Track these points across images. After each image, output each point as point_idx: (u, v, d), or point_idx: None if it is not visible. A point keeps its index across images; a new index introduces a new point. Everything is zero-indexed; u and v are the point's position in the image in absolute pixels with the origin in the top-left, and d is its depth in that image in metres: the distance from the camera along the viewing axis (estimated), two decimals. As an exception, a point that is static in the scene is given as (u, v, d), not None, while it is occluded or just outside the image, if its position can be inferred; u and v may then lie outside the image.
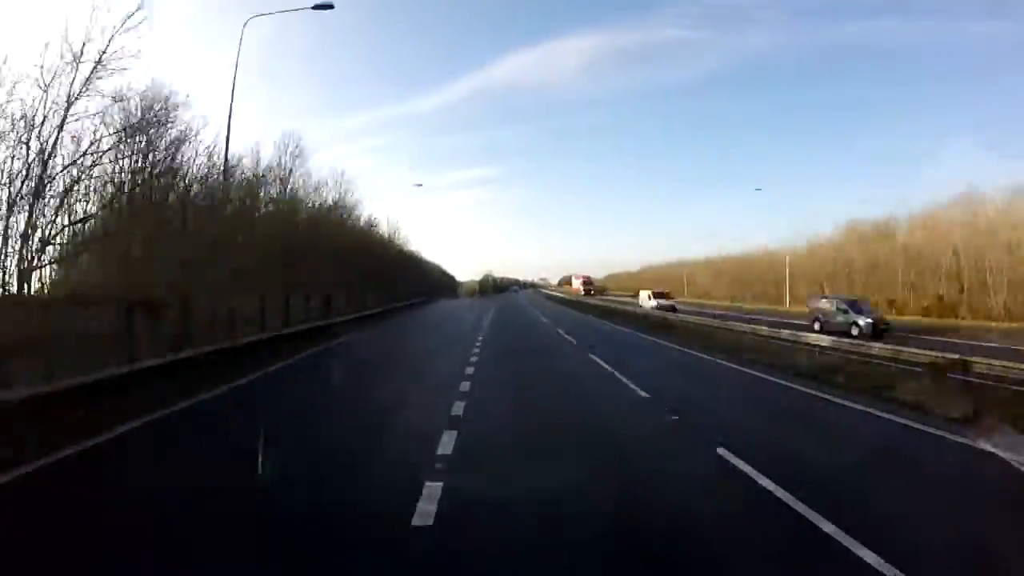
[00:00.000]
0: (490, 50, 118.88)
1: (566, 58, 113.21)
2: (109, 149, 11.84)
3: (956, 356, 10.97)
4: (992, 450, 6.11)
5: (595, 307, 41.46)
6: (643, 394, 9.24)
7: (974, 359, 10.72)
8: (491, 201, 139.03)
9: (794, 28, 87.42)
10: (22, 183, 10.29)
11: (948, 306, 33.14)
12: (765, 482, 4.92)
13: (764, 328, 19.30)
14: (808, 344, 15.52)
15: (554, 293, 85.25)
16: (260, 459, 5.01)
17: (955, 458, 6.21)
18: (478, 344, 17.07)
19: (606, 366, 12.46)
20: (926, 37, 78.39)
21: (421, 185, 56.01)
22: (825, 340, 15.77)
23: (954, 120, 77.34)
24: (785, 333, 17.65)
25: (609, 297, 61.03)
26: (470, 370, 11.72)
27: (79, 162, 11.17)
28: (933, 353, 11.84)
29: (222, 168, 16.08)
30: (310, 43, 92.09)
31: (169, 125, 13.82)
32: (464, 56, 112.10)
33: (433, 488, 4.57)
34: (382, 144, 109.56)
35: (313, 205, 25.90)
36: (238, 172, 18.33)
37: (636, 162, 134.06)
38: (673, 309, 32.77)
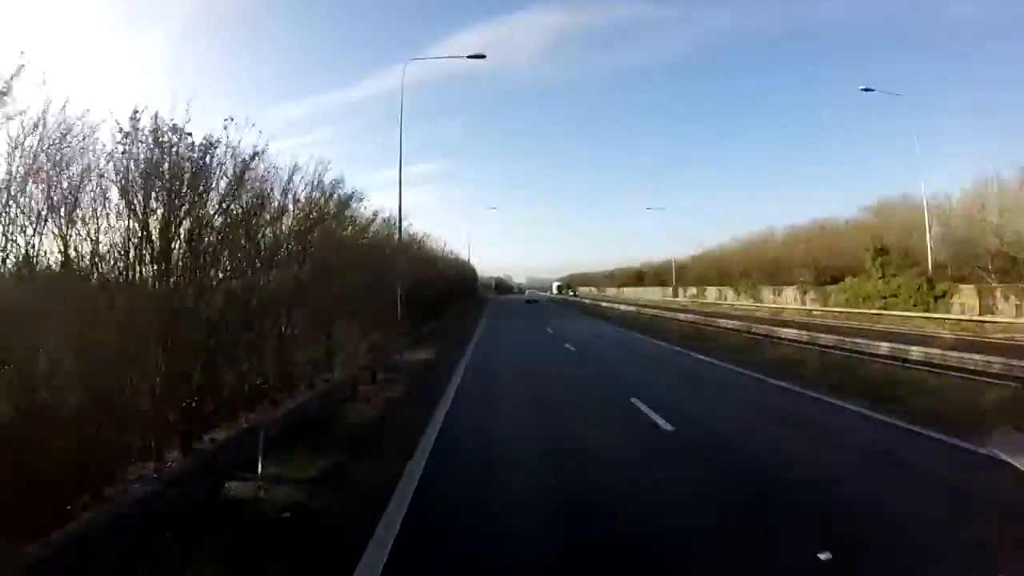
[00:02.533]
0: (436, 29, 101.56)
1: (523, 39, 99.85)
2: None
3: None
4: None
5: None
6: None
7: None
8: (441, 199, 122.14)
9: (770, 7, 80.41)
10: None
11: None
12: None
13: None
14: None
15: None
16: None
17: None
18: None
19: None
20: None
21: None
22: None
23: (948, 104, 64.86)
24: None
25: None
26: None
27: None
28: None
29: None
30: (233, 28, 77.70)
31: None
32: (406, 36, 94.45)
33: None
34: (318, 139, 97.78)
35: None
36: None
37: (602, 152, 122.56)
38: None
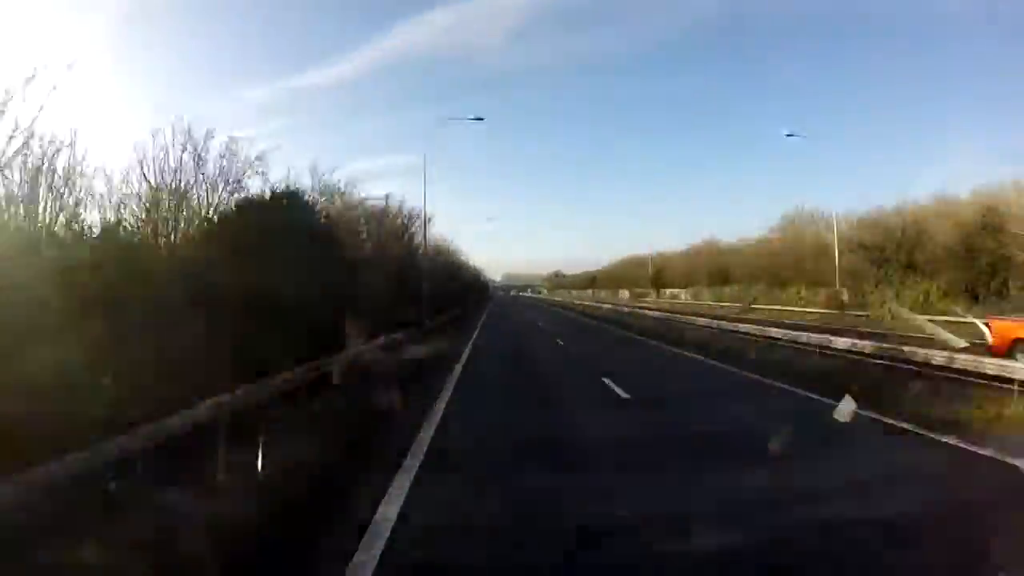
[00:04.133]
0: (398, 11, 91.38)
1: (493, 21, 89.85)
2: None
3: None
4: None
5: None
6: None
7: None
8: (409, 195, 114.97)
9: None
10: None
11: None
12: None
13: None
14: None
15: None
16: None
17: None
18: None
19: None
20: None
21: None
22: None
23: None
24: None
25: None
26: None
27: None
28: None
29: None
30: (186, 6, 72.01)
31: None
32: (365, 20, 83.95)
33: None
34: (277, 128, 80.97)
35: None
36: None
37: (579, 144, 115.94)
38: None
